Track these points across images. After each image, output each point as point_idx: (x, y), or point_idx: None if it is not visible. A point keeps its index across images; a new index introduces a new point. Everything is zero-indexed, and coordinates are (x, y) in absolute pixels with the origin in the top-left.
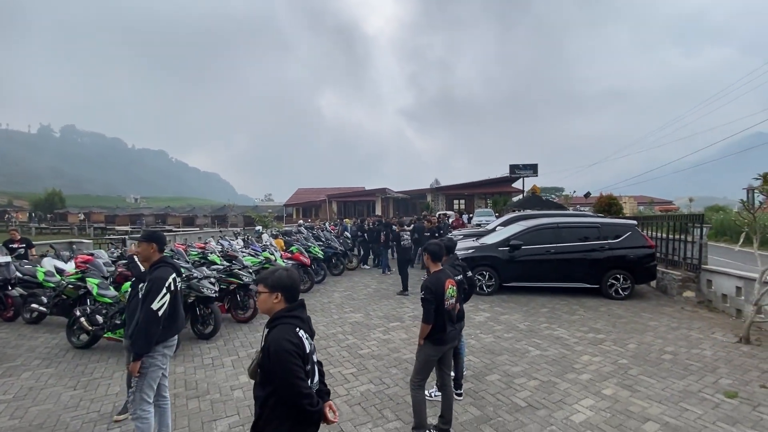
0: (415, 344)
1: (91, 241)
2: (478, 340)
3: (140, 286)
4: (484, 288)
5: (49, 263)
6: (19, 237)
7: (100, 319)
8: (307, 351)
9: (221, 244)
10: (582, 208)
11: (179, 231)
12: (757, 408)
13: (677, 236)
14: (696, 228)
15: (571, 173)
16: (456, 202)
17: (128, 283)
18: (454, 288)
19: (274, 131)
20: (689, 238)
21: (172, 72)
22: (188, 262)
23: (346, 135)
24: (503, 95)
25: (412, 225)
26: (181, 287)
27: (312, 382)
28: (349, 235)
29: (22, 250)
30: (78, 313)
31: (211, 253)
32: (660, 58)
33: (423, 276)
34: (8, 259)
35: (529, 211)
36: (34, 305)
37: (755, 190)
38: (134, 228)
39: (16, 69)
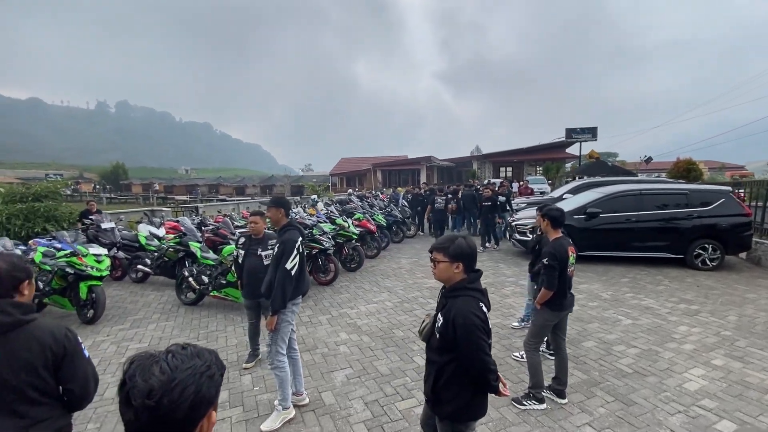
0: (500, 310)
1: (169, 209)
2: None
3: (259, 249)
4: None
5: (144, 228)
6: (95, 208)
7: (205, 279)
8: (489, 325)
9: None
10: (657, 175)
11: (243, 200)
12: None
13: None
14: None
15: (625, 138)
16: (503, 169)
17: (230, 247)
18: (575, 255)
19: (311, 102)
20: None
21: (214, 47)
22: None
23: (381, 103)
24: (545, 55)
25: (450, 191)
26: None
27: None
28: (406, 204)
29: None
30: (186, 274)
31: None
32: (732, 3)
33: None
34: (113, 224)
35: (597, 178)
36: (140, 266)
37: None
38: (191, 197)
39: (73, 48)
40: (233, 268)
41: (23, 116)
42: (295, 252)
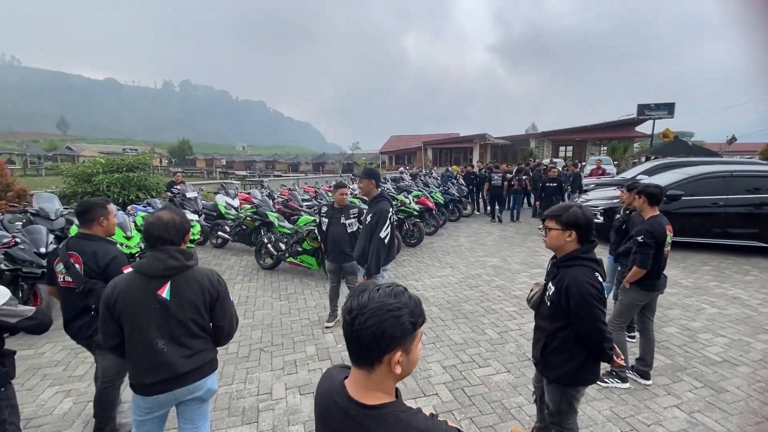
0: None
1: (239, 182)
2: None
3: (340, 217)
4: None
5: (221, 199)
6: (181, 180)
7: (282, 246)
8: (606, 294)
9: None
10: (749, 157)
11: (309, 177)
12: None
13: None
14: None
15: (702, 116)
16: (562, 148)
17: (305, 218)
18: (671, 235)
19: (359, 80)
20: None
21: (268, 26)
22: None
23: (430, 80)
24: (612, 23)
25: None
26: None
27: None
28: (463, 182)
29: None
30: (265, 240)
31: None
32: None
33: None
34: (196, 194)
35: (673, 159)
36: (220, 233)
37: None
38: (250, 173)
39: (142, 31)
40: (313, 235)
41: (101, 95)
42: (388, 222)
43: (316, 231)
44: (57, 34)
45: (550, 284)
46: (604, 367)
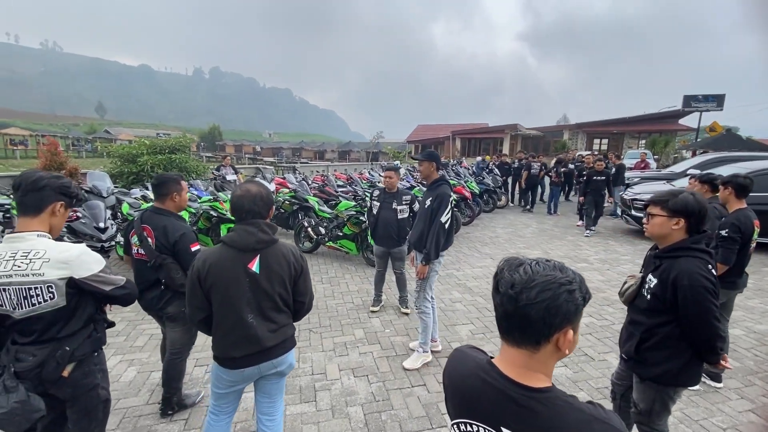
0: (615, 286)
1: (272, 167)
2: None
3: (392, 203)
4: None
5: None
6: (230, 164)
7: (322, 230)
8: (719, 289)
9: (372, 176)
10: None
11: (335, 164)
12: None
13: None
14: None
15: (750, 109)
16: (597, 141)
17: (346, 203)
18: (758, 230)
19: (384, 69)
20: None
21: (294, 14)
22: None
23: (457, 68)
24: (647, 11)
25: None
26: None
27: None
28: (498, 172)
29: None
30: (306, 224)
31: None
32: None
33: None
34: (236, 177)
35: (725, 154)
36: None
37: None
38: (277, 159)
39: (174, 18)
40: (354, 220)
41: (135, 81)
42: (449, 206)
43: (357, 216)
44: (95, 21)
45: (650, 276)
46: None
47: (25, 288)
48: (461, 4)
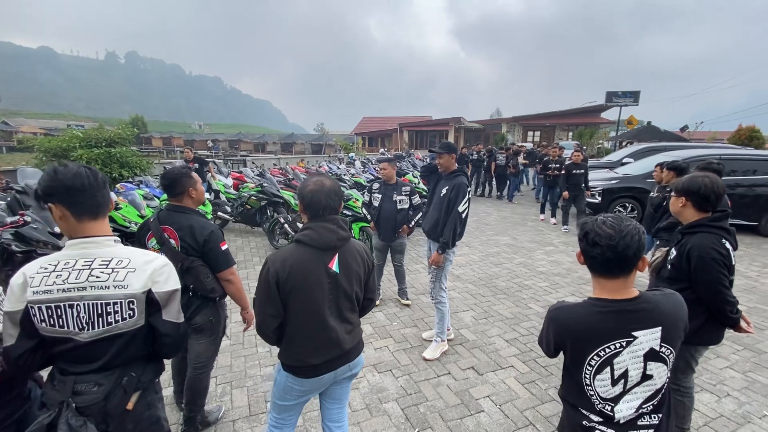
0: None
1: (221, 161)
2: None
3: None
4: None
5: (221, 178)
6: (192, 156)
7: (300, 225)
8: (732, 263)
9: (330, 168)
10: (724, 142)
11: (292, 156)
12: None
13: None
14: None
15: (655, 105)
16: (531, 133)
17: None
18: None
19: (322, 60)
20: None
21: None
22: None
23: (395, 62)
24: (568, 12)
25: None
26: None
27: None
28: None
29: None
30: (282, 220)
31: (353, 175)
32: None
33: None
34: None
35: (645, 144)
36: (220, 213)
37: None
38: (214, 153)
39: None
40: (347, 212)
41: (35, 65)
42: (467, 197)
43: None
44: None
45: (673, 249)
46: None
47: (101, 303)
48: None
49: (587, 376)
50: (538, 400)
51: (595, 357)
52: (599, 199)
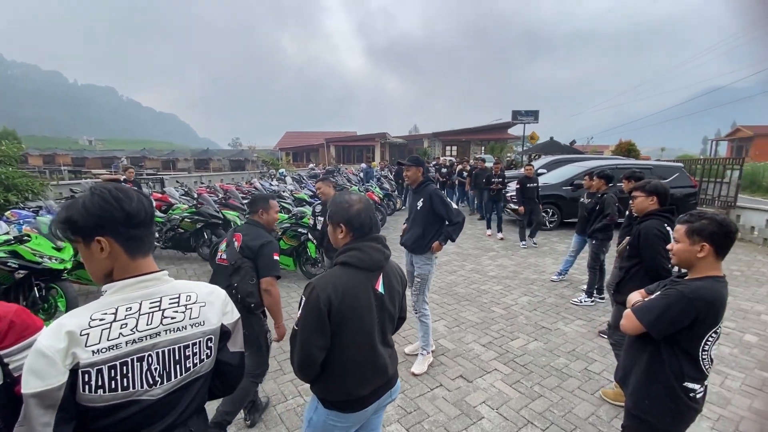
0: (532, 269)
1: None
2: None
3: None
4: (547, 224)
5: None
6: (134, 178)
7: None
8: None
9: (263, 185)
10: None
11: (223, 173)
12: None
13: (712, 178)
14: (735, 170)
15: (550, 122)
16: (448, 148)
17: (281, 215)
18: None
19: (235, 71)
20: (726, 180)
21: (117, 3)
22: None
23: (314, 78)
24: (469, 39)
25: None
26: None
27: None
28: (391, 177)
29: None
30: None
31: (293, 192)
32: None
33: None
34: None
35: (551, 157)
36: None
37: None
38: (113, 171)
39: None
40: (290, 233)
41: None
42: (445, 197)
43: (293, 229)
44: None
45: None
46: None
47: (178, 348)
48: (306, 15)
49: (709, 343)
50: (528, 398)
51: (720, 325)
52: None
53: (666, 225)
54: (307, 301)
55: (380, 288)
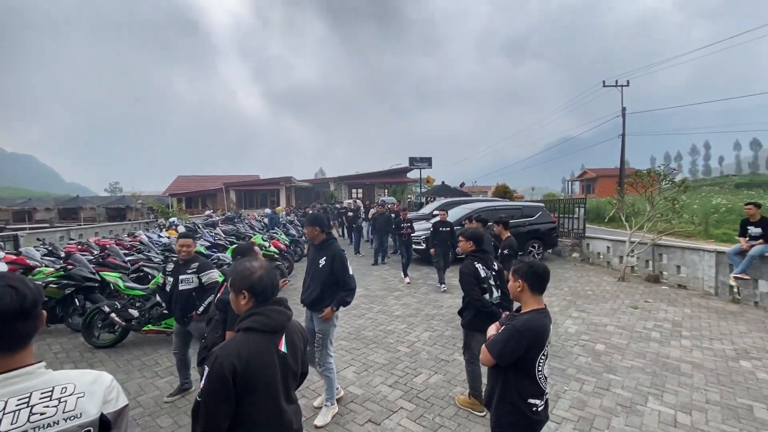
0: (432, 305)
1: None
2: None
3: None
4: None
5: None
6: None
7: (134, 312)
8: (482, 276)
9: (150, 238)
10: (485, 195)
11: (75, 227)
12: (651, 312)
13: (566, 214)
14: (581, 208)
15: (442, 167)
16: (354, 191)
17: (159, 276)
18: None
19: (111, 109)
20: (576, 215)
21: None
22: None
23: (208, 121)
24: (362, 90)
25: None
26: None
27: (491, 297)
28: (298, 223)
29: None
30: (106, 309)
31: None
32: (494, 66)
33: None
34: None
35: (444, 199)
36: None
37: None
38: None
39: None
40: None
41: None
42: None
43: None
44: None
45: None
46: None
47: None
48: (198, 57)
49: (541, 363)
50: (430, 430)
51: (539, 358)
52: (423, 245)
53: (476, 263)
54: (211, 371)
55: (283, 347)
